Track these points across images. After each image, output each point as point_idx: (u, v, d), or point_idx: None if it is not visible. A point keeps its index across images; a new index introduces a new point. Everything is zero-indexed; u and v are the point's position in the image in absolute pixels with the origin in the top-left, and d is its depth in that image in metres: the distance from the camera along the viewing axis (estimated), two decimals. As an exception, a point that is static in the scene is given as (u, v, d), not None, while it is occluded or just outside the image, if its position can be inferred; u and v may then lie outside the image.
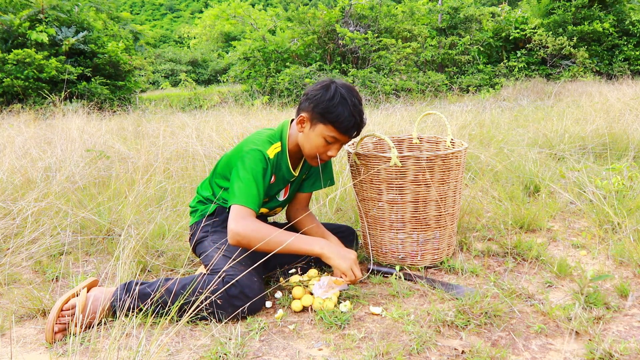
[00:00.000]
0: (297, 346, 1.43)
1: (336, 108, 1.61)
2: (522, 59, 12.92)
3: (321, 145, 1.68)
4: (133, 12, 47.98)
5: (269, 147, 1.70)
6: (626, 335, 1.42)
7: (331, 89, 1.63)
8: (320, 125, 1.65)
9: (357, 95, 1.67)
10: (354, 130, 1.65)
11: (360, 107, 1.66)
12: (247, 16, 13.48)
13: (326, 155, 1.71)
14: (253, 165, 1.64)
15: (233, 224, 1.57)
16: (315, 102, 1.64)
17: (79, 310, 1.49)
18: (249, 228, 1.56)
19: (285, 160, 1.76)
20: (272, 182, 1.75)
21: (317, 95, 1.64)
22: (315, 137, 1.67)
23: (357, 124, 1.65)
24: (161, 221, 2.28)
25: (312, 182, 1.95)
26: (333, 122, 1.62)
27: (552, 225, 2.40)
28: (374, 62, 11.27)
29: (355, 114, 1.63)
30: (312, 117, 1.66)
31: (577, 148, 3.72)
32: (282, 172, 1.78)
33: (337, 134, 1.65)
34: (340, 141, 1.68)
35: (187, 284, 1.54)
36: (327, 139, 1.66)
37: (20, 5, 10.71)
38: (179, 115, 6.21)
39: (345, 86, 1.66)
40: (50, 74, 9.42)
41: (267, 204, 1.87)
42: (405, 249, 1.93)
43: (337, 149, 1.70)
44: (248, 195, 1.61)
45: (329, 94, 1.62)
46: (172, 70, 22.97)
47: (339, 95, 1.61)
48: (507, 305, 1.58)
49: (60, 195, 2.61)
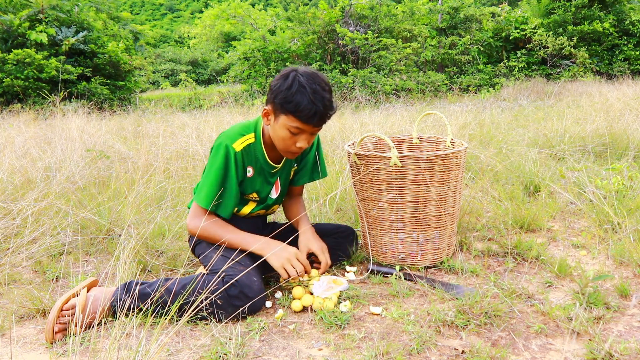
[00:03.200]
0: (297, 346, 1.43)
1: (294, 97, 1.53)
2: (522, 59, 12.92)
3: (287, 137, 1.61)
4: (133, 12, 47.98)
5: (237, 140, 1.68)
6: (626, 336, 1.42)
7: (289, 78, 1.56)
8: (282, 116, 1.59)
9: (320, 81, 1.57)
10: (316, 118, 1.56)
11: (324, 94, 1.56)
12: (247, 16, 13.48)
13: (296, 147, 1.64)
14: (213, 161, 1.67)
15: (187, 220, 1.72)
16: (275, 92, 1.58)
17: (79, 310, 1.49)
18: (197, 227, 1.67)
19: (260, 151, 1.74)
20: (250, 175, 1.73)
21: (277, 86, 1.58)
22: (279, 129, 1.61)
23: (319, 112, 1.55)
24: (161, 221, 2.27)
25: (304, 174, 1.94)
26: (293, 112, 1.55)
27: (552, 225, 2.40)
28: (374, 62, 11.27)
29: (315, 102, 1.53)
30: (274, 109, 1.61)
31: (577, 148, 3.72)
32: (260, 163, 1.75)
33: (299, 124, 1.57)
34: (305, 131, 1.60)
35: (187, 284, 1.54)
36: (291, 130, 1.59)
37: (20, 5, 10.71)
38: (179, 115, 6.21)
39: (307, 73, 1.57)
40: (50, 74, 9.42)
41: (262, 205, 1.87)
42: (405, 249, 1.93)
43: (306, 140, 1.63)
44: (204, 194, 1.67)
45: (287, 83, 1.55)
46: (172, 70, 22.98)
47: (297, 84, 1.54)
48: (507, 305, 1.58)
49: (60, 195, 2.61)
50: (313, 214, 2.48)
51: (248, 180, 1.75)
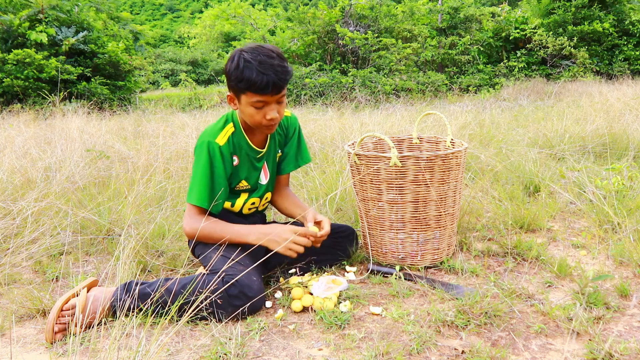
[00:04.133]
0: (297, 346, 1.43)
1: (244, 74, 1.56)
2: (522, 59, 12.91)
3: (255, 113, 1.64)
4: (133, 12, 47.95)
5: (218, 134, 1.70)
6: (626, 336, 1.42)
7: (235, 58, 1.59)
8: (242, 96, 1.62)
9: (265, 51, 1.58)
10: (270, 87, 1.56)
11: (272, 61, 1.56)
12: (247, 16, 13.48)
13: (267, 120, 1.65)
14: (198, 160, 1.69)
15: (183, 223, 1.72)
16: (228, 77, 1.62)
17: (79, 310, 1.49)
18: (195, 227, 1.67)
19: (243, 138, 1.76)
20: (236, 164, 1.75)
21: (228, 70, 1.62)
22: (245, 108, 1.64)
23: (271, 80, 1.55)
24: (161, 221, 2.28)
25: (289, 161, 1.95)
26: (248, 88, 1.58)
27: (552, 225, 2.40)
28: (374, 62, 11.27)
29: (265, 72, 1.54)
30: (234, 92, 1.65)
31: (577, 148, 3.72)
32: (245, 150, 1.77)
33: (258, 97, 1.59)
34: (268, 102, 1.62)
35: (187, 283, 1.54)
36: (254, 105, 1.61)
37: (20, 5, 10.70)
38: (179, 115, 6.21)
39: (251, 48, 1.59)
40: (50, 74, 9.41)
41: (255, 193, 1.87)
42: (405, 249, 1.93)
43: (275, 109, 1.64)
44: (197, 193, 1.67)
45: (234, 64, 1.58)
46: (172, 70, 22.96)
47: (243, 61, 1.57)
48: (507, 305, 1.58)
49: (60, 195, 2.61)
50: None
51: (235, 170, 1.76)
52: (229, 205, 1.84)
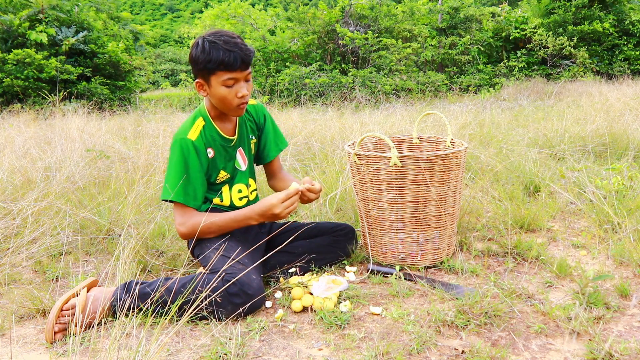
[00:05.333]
0: (297, 346, 1.43)
1: (210, 55, 1.61)
2: (522, 59, 12.91)
3: (227, 93, 1.67)
4: (133, 12, 47.95)
5: (189, 130, 1.73)
6: (626, 336, 1.42)
7: (199, 44, 1.64)
8: (212, 78, 1.65)
9: (225, 33, 1.65)
10: (239, 61, 1.63)
11: (235, 39, 1.63)
12: (247, 16, 13.46)
13: (238, 99, 1.69)
14: (171, 158, 1.71)
15: (175, 224, 1.73)
16: (195, 62, 1.66)
17: (79, 310, 1.49)
18: (189, 224, 1.69)
19: (214, 129, 1.79)
20: (211, 156, 1.77)
21: (194, 56, 1.66)
22: (217, 90, 1.67)
23: (238, 55, 1.62)
24: (161, 221, 2.28)
25: (270, 147, 1.98)
26: (217, 67, 1.62)
27: (552, 225, 2.40)
28: (374, 62, 11.26)
29: (229, 48, 1.61)
30: (203, 77, 1.68)
31: (577, 148, 3.72)
32: (218, 141, 1.79)
33: (229, 74, 1.64)
34: (238, 79, 1.67)
35: (187, 283, 1.54)
36: (226, 84, 1.65)
37: (20, 5, 10.70)
38: (179, 115, 6.22)
39: (212, 32, 1.66)
40: (50, 74, 9.41)
41: (237, 180, 1.87)
42: (405, 249, 1.93)
43: (244, 87, 1.69)
44: (171, 188, 1.68)
45: (199, 49, 1.63)
46: (172, 70, 22.96)
47: (207, 43, 1.62)
48: (507, 305, 1.58)
49: (60, 195, 2.61)
50: (313, 214, 2.48)
51: (211, 162, 1.78)
52: (219, 201, 1.84)
